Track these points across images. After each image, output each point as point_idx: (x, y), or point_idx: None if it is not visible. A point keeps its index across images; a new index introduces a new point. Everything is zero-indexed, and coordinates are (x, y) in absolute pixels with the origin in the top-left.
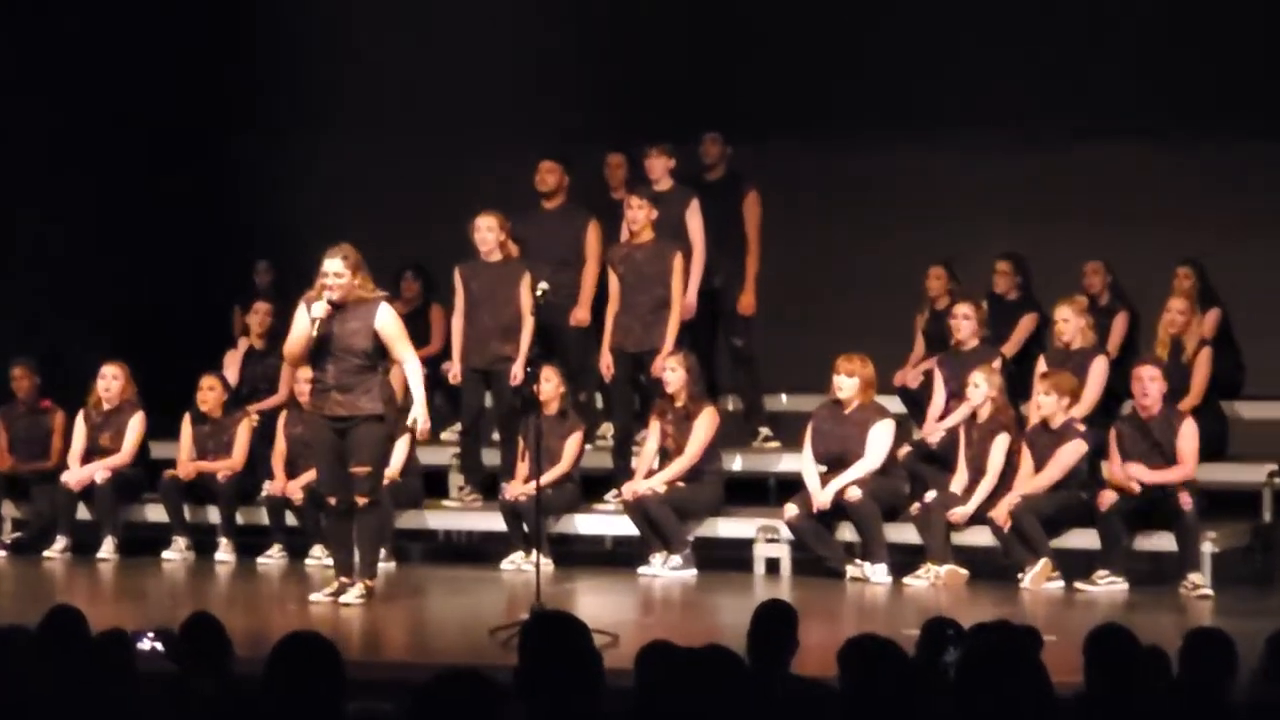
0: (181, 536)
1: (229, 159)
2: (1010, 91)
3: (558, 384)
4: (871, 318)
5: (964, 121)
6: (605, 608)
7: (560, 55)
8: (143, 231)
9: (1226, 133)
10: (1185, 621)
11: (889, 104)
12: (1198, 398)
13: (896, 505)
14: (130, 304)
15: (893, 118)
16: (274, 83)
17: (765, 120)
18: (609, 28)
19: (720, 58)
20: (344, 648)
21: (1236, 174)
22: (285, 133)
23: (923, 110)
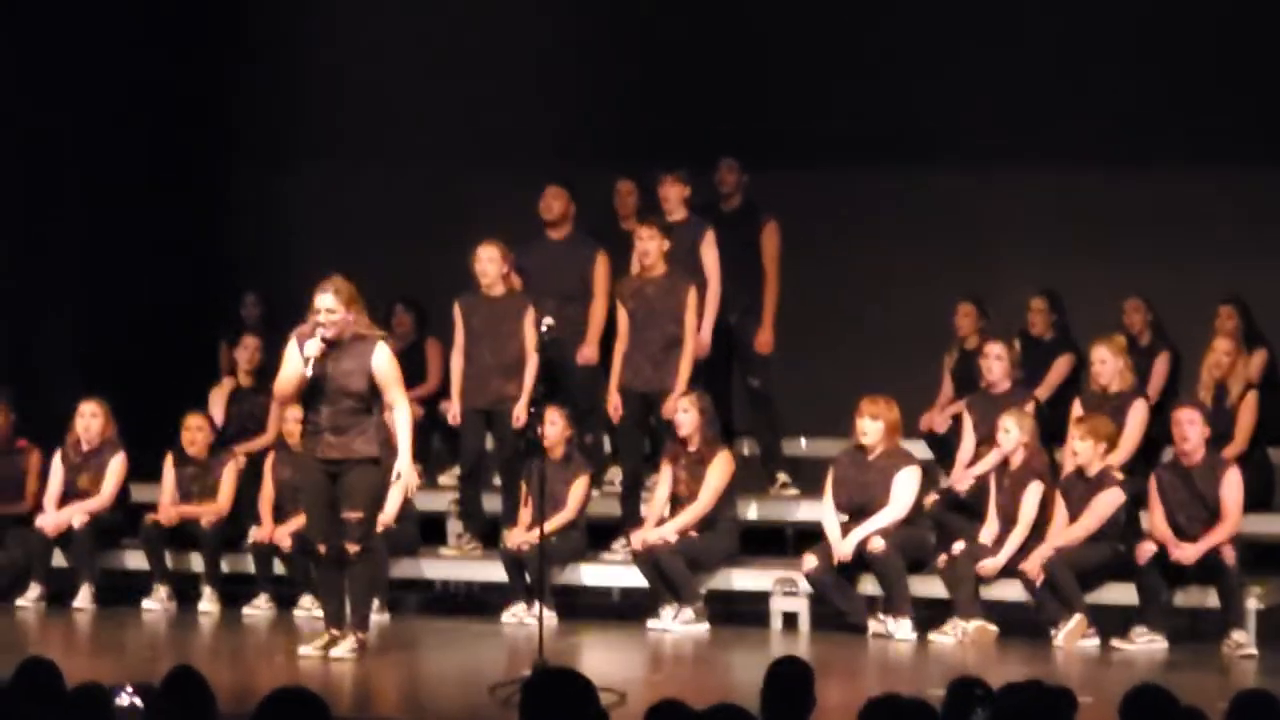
0: (163, 585)
1: (217, 188)
2: (1047, 123)
3: (563, 426)
4: (897, 357)
5: (997, 153)
6: (612, 664)
7: (568, 77)
8: (126, 263)
9: (1275, 164)
10: (1228, 682)
11: (919, 133)
12: (1243, 444)
13: (922, 557)
14: (112, 337)
15: (923, 148)
16: (264, 111)
17: (786, 147)
18: (621, 48)
19: (739, 81)
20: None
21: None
22: (276, 161)
23: (954, 141)
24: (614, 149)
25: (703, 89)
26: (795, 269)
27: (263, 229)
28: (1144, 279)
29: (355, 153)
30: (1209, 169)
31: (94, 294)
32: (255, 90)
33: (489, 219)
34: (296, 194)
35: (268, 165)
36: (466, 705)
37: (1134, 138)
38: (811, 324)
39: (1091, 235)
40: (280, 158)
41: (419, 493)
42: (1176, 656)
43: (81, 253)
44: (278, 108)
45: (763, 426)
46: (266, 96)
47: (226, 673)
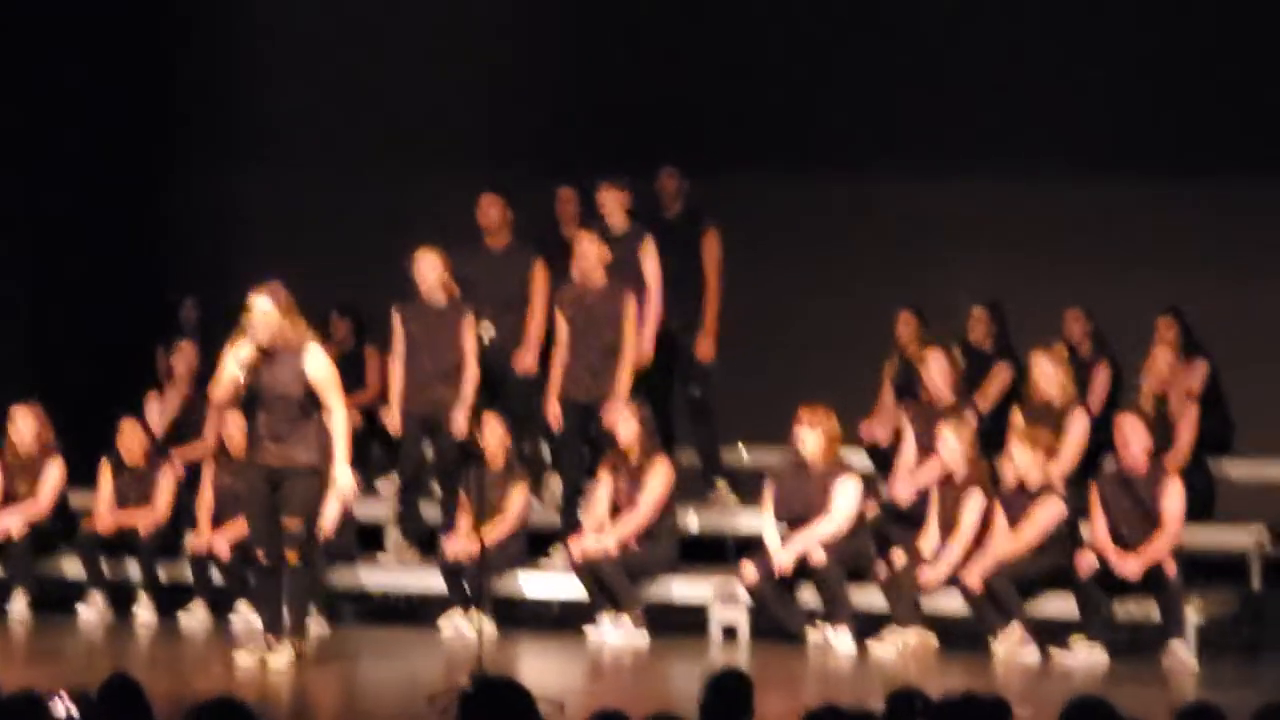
0: (99, 592)
1: (156, 194)
2: (987, 132)
3: (502, 434)
4: (838, 366)
5: (939, 162)
6: (550, 674)
7: (508, 84)
8: (64, 268)
9: (1216, 176)
10: (1168, 694)
11: (859, 142)
12: (1183, 455)
13: (862, 567)
14: (49, 343)
15: (863, 156)
16: (205, 117)
17: (727, 155)
18: (560, 55)
19: (679, 89)
20: (272, 715)
21: (1225, 220)
22: (215, 167)
23: (894, 149)
24: (556, 157)
25: (644, 98)
26: (736, 277)
27: (201, 235)
28: (1084, 290)
29: (295, 159)
30: (1148, 180)
31: (31, 299)
32: (197, 95)
33: (430, 227)
34: (235, 200)
35: (207, 171)
36: (404, 715)
37: (1074, 149)
38: (752, 333)
39: (1033, 246)
40: (220, 163)
41: (358, 501)
42: (1116, 668)
43: (19, 259)
44: (219, 114)
45: (703, 436)
46: (208, 102)
47: (163, 681)
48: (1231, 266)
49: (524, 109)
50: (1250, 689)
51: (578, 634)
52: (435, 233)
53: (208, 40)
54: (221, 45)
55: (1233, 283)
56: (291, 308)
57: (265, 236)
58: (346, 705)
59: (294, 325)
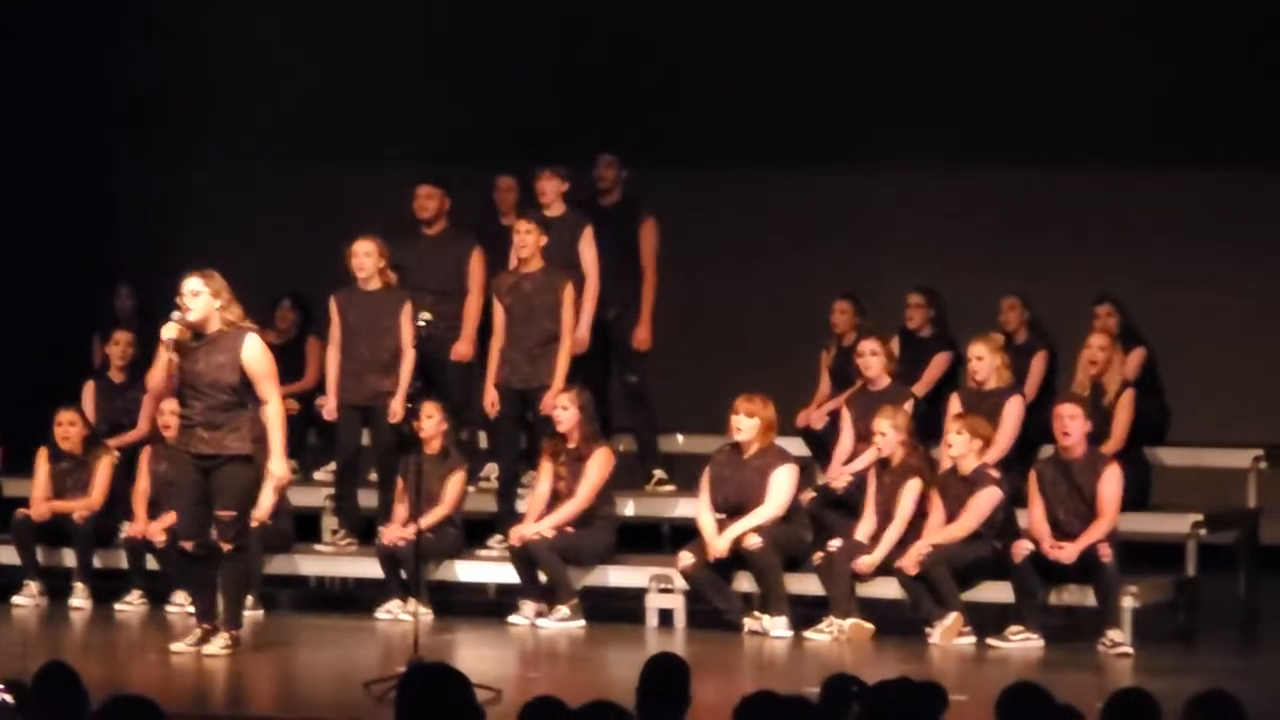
0: (34, 581)
1: (92, 181)
2: (923, 120)
3: (439, 421)
4: (775, 354)
5: (874, 149)
6: (487, 661)
7: (447, 73)
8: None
9: (1153, 163)
10: (1104, 681)
11: (795, 129)
12: (1119, 443)
13: (799, 554)
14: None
15: (799, 143)
16: (143, 103)
17: (664, 143)
18: (499, 44)
19: (618, 78)
20: (208, 702)
21: (1163, 207)
22: (153, 154)
23: (830, 136)
24: (494, 144)
25: (583, 85)
26: (673, 266)
27: (138, 222)
28: (1022, 277)
29: (234, 146)
30: (1085, 168)
31: None
32: (133, 81)
33: (370, 215)
34: (174, 186)
35: (145, 157)
36: (342, 702)
37: (1013, 137)
38: (689, 321)
39: (969, 233)
40: (158, 150)
41: (293, 488)
42: (1052, 655)
43: None
44: (157, 99)
45: (640, 423)
46: (144, 87)
47: (98, 669)
48: (1169, 255)
49: (463, 98)
50: (1186, 676)
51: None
52: (378, 223)
53: (149, 29)
54: (160, 35)
55: (1169, 271)
56: (225, 293)
57: (202, 226)
58: (283, 692)
59: (229, 311)
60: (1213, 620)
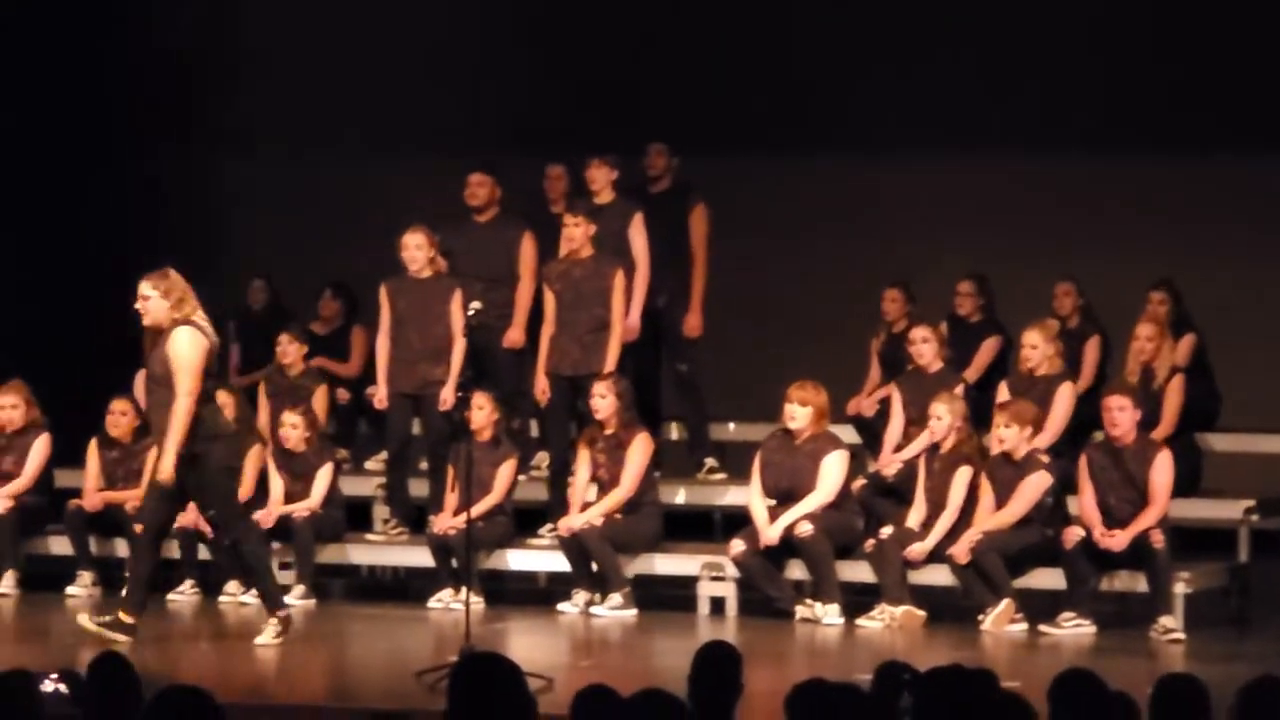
0: (87, 571)
1: (145, 173)
2: (975, 106)
3: (490, 410)
4: (825, 341)
5: (925, 136)
6: (539, 649)
7: (497, 60)
8: (51, 248)
9: (1209, 148)
10: (1156, 667)
11: (846, 116)
12: (1170, 428)
13: (850, 541)
14: (35, 321)
15: (849, 131)
16: (194, 95)
17: (715, 131)
18: (549, 32)
19: (668, 65)
20: (261, 691)
21: (1215, 193)
22: (204, 146)
23: (880, 123)
24: (544, 133)
25: (634, 74)
26: (724, 253)
27: (187, 211)
28: (1075, 262)
29: (286, 137)
30: (1142, 153)
31: (17, 278)
32: (187, 75)
33: (419, 204)
34: (224, 179)
35: (196, 149)
36: (393, 691)
37: (1067, 123)
38: (739, 308)
39: (1020, 220)
40: (209, 142)
41: (345, 477)
42: (1104, 641)
43: (5, 238)
44: (208, 91)
45: (690, 411)
46: (199, 81)
47: (151, 659)
48: (1222, 241)
49: (514, 87)
50: (1238, 661)
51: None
52: (425, 212)
53: (197, 21)
54: (211, 26)
55: (1221, 257)
56: (176, 291)
57: (253, 217)
58: (335, 681)
59: (179, 309)
60: (1265, 605)
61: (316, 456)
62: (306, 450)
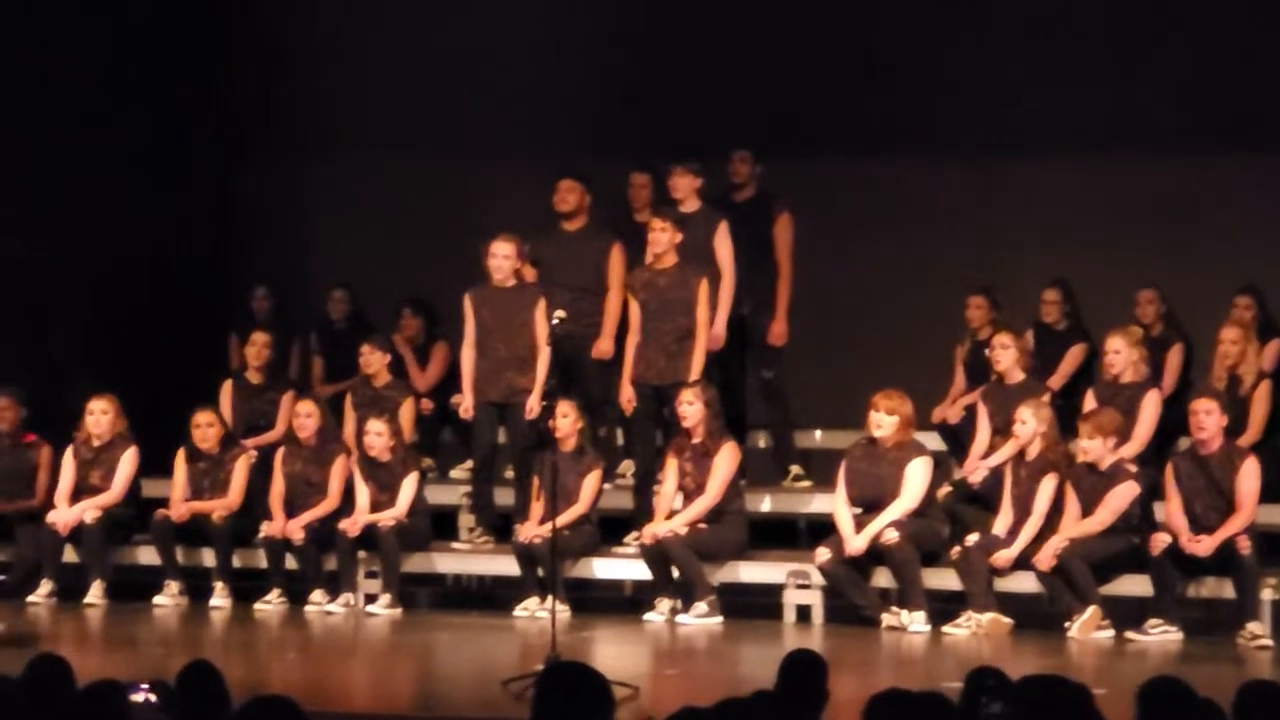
0: (174, 580)
1: (227, 182)
2: (1059, 112)
3: (575, 419)
4: (910, 349)
5: (1009, 142)
6: (625, 658)
7: (580, 67)
8: (137, 258)
9: None
10: (1243, 674)
11: (930, 123)
12: (1257, 434)
13: (936, 549)
14: (122, 332)
15: (934, 138)
16: (275, 105)
17: (798, 138)
18: (632, 38)
19: (750, 72)
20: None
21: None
22: (288, 155)
23: (966, 130)
24: (628, 141)
25: (717, 80)
26: (808, 261)
27: (274, 222)
28: (1158, 270)
29: (369, 145)
30: (1224, 157)
31: (105, 289)
32: (266, 83)
33: (502, 212)
34: (308, 187)
35: (279, 159)
36: (481, 700)
37: (1149, 128)
38: (825, 316)
39: (1106, 226)
40: (292, 151)
41: (430, 486)
42: (1191, 648)
43: (92, 249)
44: (289, 101)
45: (776, 419)
46: (278, 89)
47: (239, 668)
48: None
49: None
50: None
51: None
52: (508, 221)
53: (279, 32)
54: (293, 37)
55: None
56: None
57: (338, 226)
58: (422, 691)
59: None
60: None
61: (402, 466)
62: (392, 460)
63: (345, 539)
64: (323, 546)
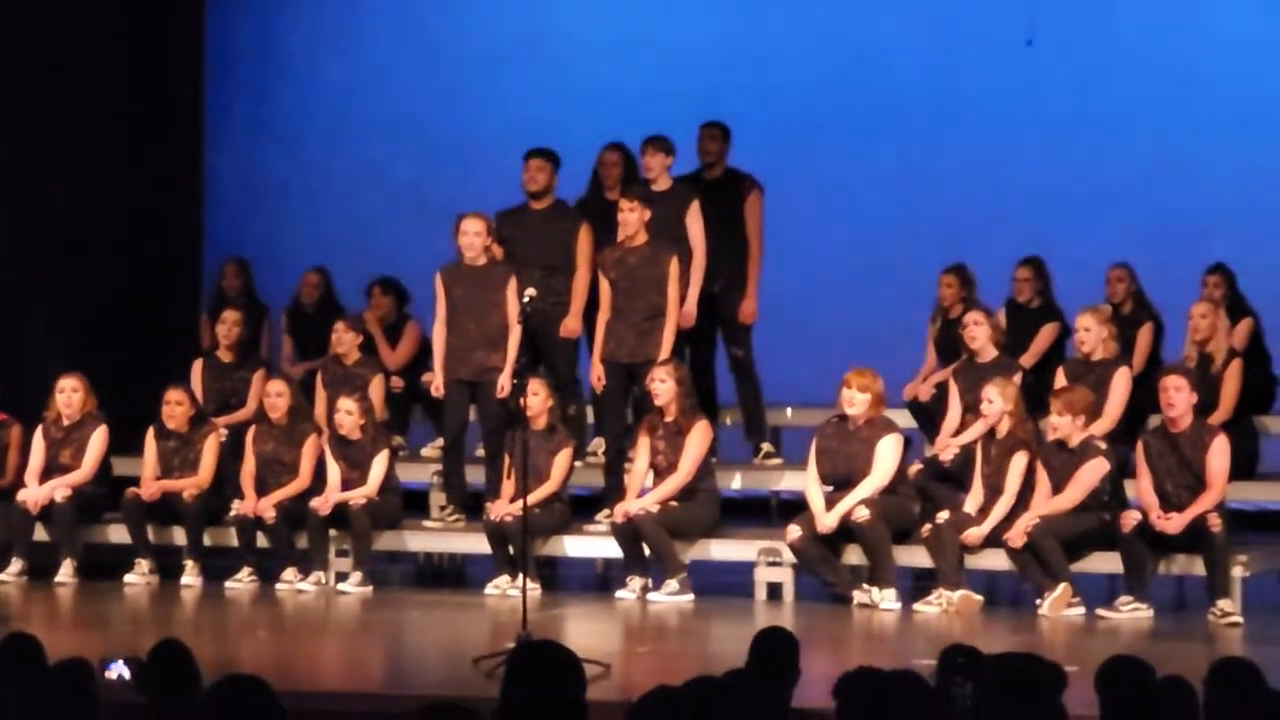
0: (145, 559)
1: (200, 158)
2: (1029, 89)
3: (545, 397)
4: (881, 327)
5: (979, 123)
6: (595, 636)
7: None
8: (107, 237)
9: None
10: (1214, 651)
11: (899, 100)
12: (1227, 412)
13: (907, 527)
14: (93, 311)
15: (903, 114)
16: (245, 83)
17: (766, 115)
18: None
19: (717, 48)
20: (318, 679)
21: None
22: (256, 133)
23: (935, 107)
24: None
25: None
26: (778, 239)
27: (244, 200)
28: (1128, 248)
29: (336, 124)
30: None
31: (75, 268)
32: (235, 61)
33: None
34: (278, 166)
35: (250, 137)
36: (451, 678)
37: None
38: (795, 294)
39: (1077, 204)
40: (260, 129)
41: (401, 464)
42: (1162, 625)
43: (63, 228)
44: (262, 77)
45: (746, 397)
46: (246, 67)
47: (209, 647)
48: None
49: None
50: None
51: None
52: (479, 202)
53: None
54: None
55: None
56: None
57: (308, 204)
58: (392, 668)
59: None
60: None
61: (373, 444)
62: (363, 438)
63: (316, 517)
64: (294, 525)
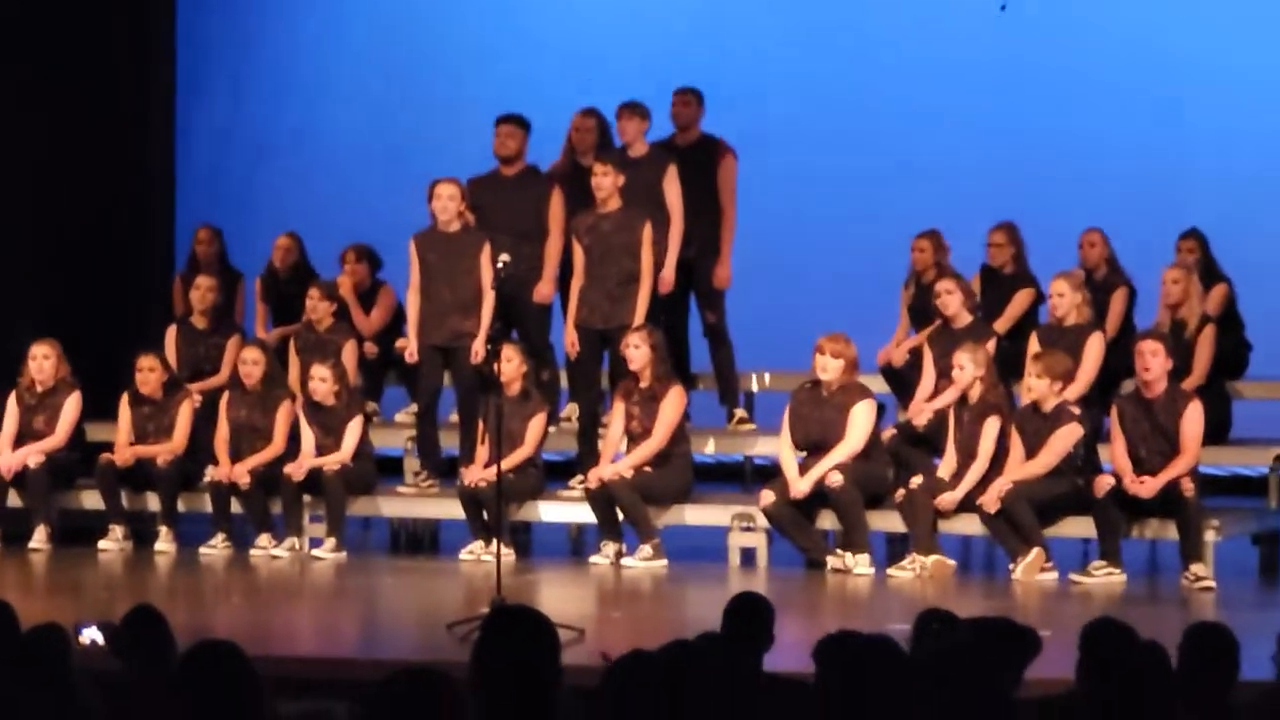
0: (119, 525)
1: (175, 123)
2: (1003, 54)
3: (519, 363)
4: (855, 292)
5: (954, 83)
6: (569, 601)
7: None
8: (81, 203)
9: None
10: (1187, 615)
11: (873, 63)
12: (1201, 377)
13: (880, 492)
14: (67, 278)
15: (876, 78)
16: (217, 45)
17: (740, 79)
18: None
19: (694, 13)
20: (292, 645)
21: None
22: (232, 97)
23: (908, 71)
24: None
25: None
26: (751, 204)
27: (219, 165)
28: (1103, 213)
29: (313, 92)
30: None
31: (47, 234)
32: (209, 26)
33: (447, 156)
34: (251, 131)
35: (226, 101)
36: (425, 643)
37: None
38: (769, 259)
39: (1050, 168)
40: (234, 95)
41: (375, 430)
42: (1135, 590)
43: (34, 195)
44: (238, 41)
45: (720, 362)
46: (221, 33)
47: (183, 613)
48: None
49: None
50: (1270, 609)
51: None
52: (453, 163)
53: None
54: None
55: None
56: None
57: (284, 168)
58: (366, 634)
59: None
60: None
61: (346, 410)
62: (336, 404)
63: (290, 483)
64: (268, 491)
